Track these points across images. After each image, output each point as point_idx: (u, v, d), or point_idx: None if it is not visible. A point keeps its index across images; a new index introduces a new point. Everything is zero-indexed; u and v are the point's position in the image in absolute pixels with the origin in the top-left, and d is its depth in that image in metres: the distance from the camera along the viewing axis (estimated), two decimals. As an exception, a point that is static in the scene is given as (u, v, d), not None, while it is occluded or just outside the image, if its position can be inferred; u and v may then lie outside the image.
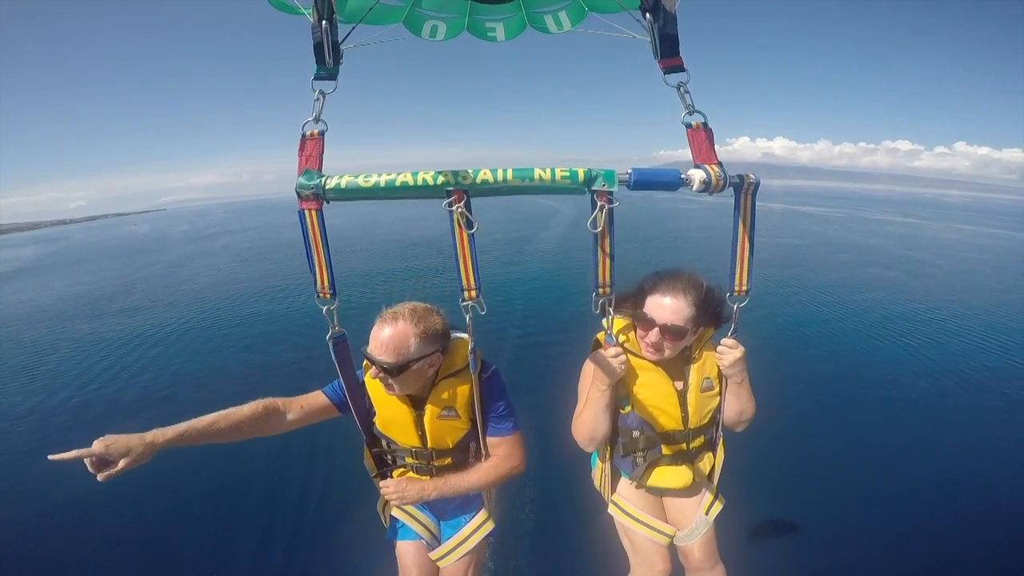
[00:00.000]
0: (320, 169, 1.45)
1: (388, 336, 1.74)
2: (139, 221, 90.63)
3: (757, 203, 1.56)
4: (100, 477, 1.46)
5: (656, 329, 1.83)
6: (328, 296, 1.55)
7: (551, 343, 8.00)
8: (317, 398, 1.95)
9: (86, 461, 1.45)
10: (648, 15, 1.57)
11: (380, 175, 1.38)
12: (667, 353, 1.89)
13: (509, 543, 3.85)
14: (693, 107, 1.56)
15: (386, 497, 2.03)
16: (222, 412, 1.75)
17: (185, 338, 9.87)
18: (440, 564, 2.14)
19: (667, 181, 1.47)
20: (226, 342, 9.49)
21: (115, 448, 1.47)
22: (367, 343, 1.80)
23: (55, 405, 7.04)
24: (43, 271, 24.88)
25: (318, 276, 1.53)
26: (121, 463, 1.48)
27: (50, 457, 1.44)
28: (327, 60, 1.49)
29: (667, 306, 1.82)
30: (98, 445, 1.46)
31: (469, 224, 1.43)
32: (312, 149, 1.45)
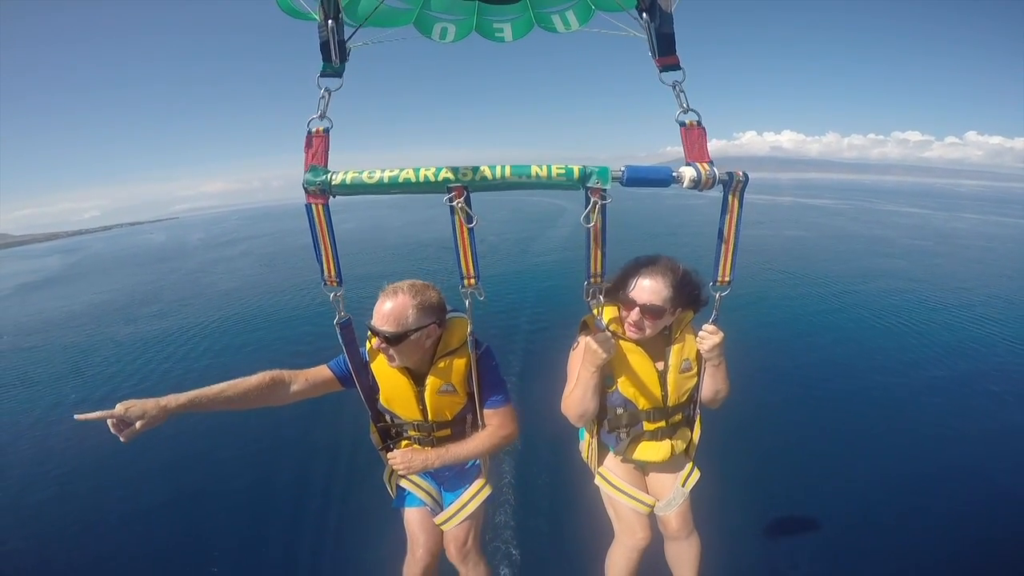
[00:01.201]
0: (326, 165, 1.50)
1: (389, 308, 1.88)
2: (154, 230, 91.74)
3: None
4: (123, 437, 1.61)
5: (637, 308, 1.94)
6: (335, 284, 1.65)
7: (558, 330, 8.07)
8: (321, 372, 2.06)
9: (108, 423, 1.60)
10: (645, 14, 1.60)
11: (383, 171, 1.44)
12: (648, 332, 2.00)
13: (506, 510, 4.17)
14: (688, 106, 1.60)
15: (393, 467, 2.15)
16: (231, 381, 1.87)
17: (209, 338, 10.38)
18: (444, 528, 2.29)
19: (659, 178, 1.52)
20: (255, 339, 10.00)
21: (133, 411, 1.62)
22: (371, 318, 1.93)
23: (101, 398, 7.62)
24: (70, 279, 25.55)
25: (325, 266, 1.62)
26: (138, 424, 1.62)
27: (76, 417, 1.58)
28: (333, 58, 1.55)
29: (647, 287, 1.93)
30: (119, 408, 1.62)
31: (469, 218, 1.49)
32: (318, 146, 1.51)
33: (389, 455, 2.15)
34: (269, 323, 11.16)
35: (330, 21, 1.51)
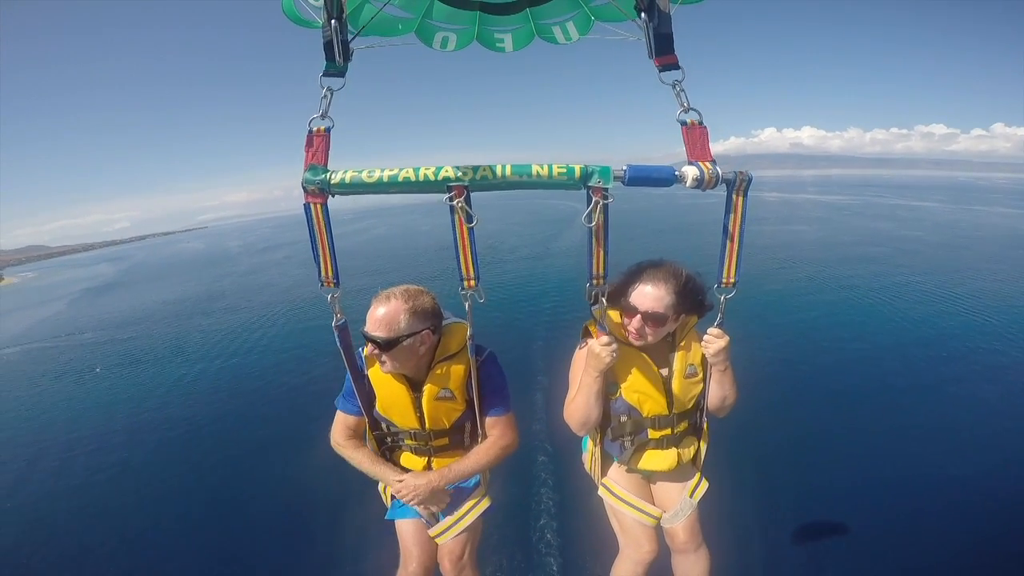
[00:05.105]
0: (326, 164, 1.47)
1: (381, 314, 1.81)
2: (190, 239, 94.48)
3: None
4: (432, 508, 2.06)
5: (638, 316, 1.84)
6: (331, 285, 1.60)
7: (561, 334, 8.11)
8: (347, 420, 2.11)
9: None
10: (643, 15, 1.57)
11: (383, 170, 1.40)
12: (650, 339, 1.89)
13: (505, 523, 3.93)
14: (688, 105, 1.56)
15: (402, 499, 2.06)
16: (362, 451, 2.10)
17: (277, 322, 11.75)
18: (439, 541, 2.16)
19: (661, 177, 1.46)
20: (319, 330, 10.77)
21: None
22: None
23: (210, 373, 9.17)
24: (130, 284, 27.20)
25: (322, 266, 1.56)
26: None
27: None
28: (336, 58, 1.51)
29: (649, 294, 1.83)
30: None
31: (469, 218, 1.44)
32: (318, 145, 1.48)
33: (394, 484, 2.06)
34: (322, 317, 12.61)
35: (333, 21, 1.48)
